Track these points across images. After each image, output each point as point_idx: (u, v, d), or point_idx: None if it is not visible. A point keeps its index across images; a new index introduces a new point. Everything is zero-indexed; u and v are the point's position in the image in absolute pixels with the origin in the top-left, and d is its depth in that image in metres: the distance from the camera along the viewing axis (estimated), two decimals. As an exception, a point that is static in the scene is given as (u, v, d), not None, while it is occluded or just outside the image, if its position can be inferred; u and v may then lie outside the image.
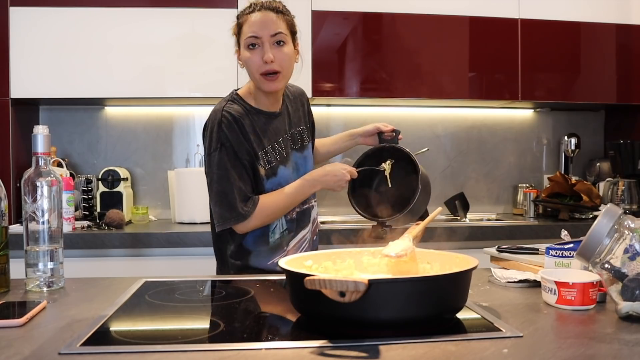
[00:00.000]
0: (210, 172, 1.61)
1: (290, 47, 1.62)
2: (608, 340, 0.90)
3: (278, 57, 1.58)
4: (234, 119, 1.59)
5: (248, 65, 1.62)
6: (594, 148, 3.46)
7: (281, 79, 1.61)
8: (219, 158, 1.58)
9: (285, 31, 1.61)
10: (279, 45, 1.59)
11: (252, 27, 1.59)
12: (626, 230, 1.03)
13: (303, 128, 1.76)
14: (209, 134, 1.61)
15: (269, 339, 0.93)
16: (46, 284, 1.26)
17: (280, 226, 1.67)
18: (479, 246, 1.75)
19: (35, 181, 1.24)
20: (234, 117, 1.59)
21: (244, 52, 1.63)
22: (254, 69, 1.60)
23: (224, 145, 1.58)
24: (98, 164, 3.11)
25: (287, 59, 1.61)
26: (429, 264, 1.17)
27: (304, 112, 1.81)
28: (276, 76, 1.60)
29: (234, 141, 1.59)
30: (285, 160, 1.68)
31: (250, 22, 1.59)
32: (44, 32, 2.75)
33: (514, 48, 2.99)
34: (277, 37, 1.58)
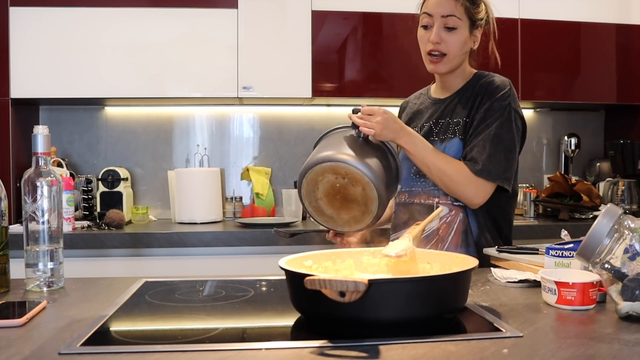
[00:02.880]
0: None
1: (463, 34, 1.58)
2: (608, 340, 0.90)
3: (445, 40, 1.56)
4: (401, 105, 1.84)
5: (419, 43, 1.64)
6: (594, 148, 3.46)
7: (446, 62, 1.59)
8: None
9: (461, 16, 1.57)
10: (450, 30, 1.57)
11: (427, 5, 1.60)
12: (626, 230, 1.03)
13: (458, 120, 1.59)
14: None
15: (269, 339, 0.93)
16: (46, 284, 1.26)
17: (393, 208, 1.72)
18: (479, 246, 1.75)
19: (35, 181, 1.24)
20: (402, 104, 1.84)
21: (419, 29, 1.64)
22: (423, 47, 1.62)
23: None
24: (98, 164, 3.11)
25: (455, 44, 1.57)
26: (429, 264, 1.17)
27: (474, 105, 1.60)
28: (441, 58, 1.58)
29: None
30: None
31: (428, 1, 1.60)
32: (44, 32, 2.75)
33: (514, 48, 2.99)
34: (448, 20, 1.56)
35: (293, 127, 3.22)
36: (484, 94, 1.59)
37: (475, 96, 1.60)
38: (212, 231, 2.56)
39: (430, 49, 1.58)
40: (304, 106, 3.18)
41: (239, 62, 2.83)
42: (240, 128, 3.23)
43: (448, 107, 1.64)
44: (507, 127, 1.56)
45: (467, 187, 1.51)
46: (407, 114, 1.77)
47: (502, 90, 1.59)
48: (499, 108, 1.56)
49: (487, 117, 1.55)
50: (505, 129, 1.55)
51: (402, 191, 1.65)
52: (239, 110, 3.23)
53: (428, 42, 1.58)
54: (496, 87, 1.59)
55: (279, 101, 3.09)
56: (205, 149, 3.17)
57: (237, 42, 2.83)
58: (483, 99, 1.58)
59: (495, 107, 1.56)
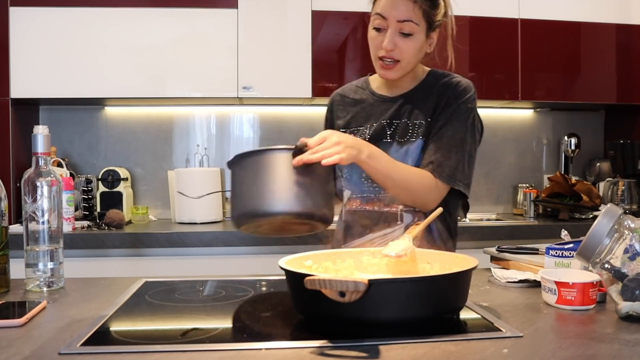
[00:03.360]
0: None
1: (419, 40, 1.44)
2: (608, 340, 0.90)
3: (400, 47, 1.43)
4: (332, 97, 1.68)
5: (370, 44, 1.49)
6: (594, 148, 3.46)
7: (397, 70, 1.46)
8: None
9: (419, 20, 1.42)
10: (405, 35, 1.42)
11: (383, 5, 1.43)
12: (626, 230, 1.03)
13: (420, 122, 1.49)
14: None
15: (269, 339, 0.93)
16: (46, 284, 1.25)
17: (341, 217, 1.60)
18: (479, 246, 1.75)
19: (35, 181, 1.24)
20: (333, 96, 1.68)
21: (370, 29, 1.48)
22: (373, 50, 1.48)
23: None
24: (98, 164, 3.11)
25: (410, 51, 1.44)
26: (429, 264, 1.17)
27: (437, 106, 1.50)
28: (393, 65, 1.45)
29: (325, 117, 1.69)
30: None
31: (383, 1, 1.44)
32: (44, 32, 2.75)
33: (514, 48, 2.99)
34: (404, 26, 1.41)
35: (293, 127, 3.22)
36: (449, 95, 1.49)
37: (439, 97, 1.50)
38: (212, 231, 2.56)
39: (382, 55, 1.44)
40: (304, 106, 3.18)
41: (239, 62, 2.83)
42: (240, 128, 3.23)
43: (404, 107, 1.51)
44: (472, 132, 1.49)
45: (430, 194, 1.44)
46: (344, 109, 1.61)
47: (468, 93, 1.49)
48: (465, 111, 1.47)
49: (453, 120, 1.46)
50: (470, 134, 1.48)
51: (353, 197, 1.54)
52: (239, 110, 3.23)
53: (380, 48, 1.44)
54: (463, 90, 1.50)
55: (279, 101, 3.09)
56: (205, 149, 3.17)
57: (237, 42, 2.83)
58: (449, 99, 1.48)
59: (462, 109, 1.47)
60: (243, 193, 1.25)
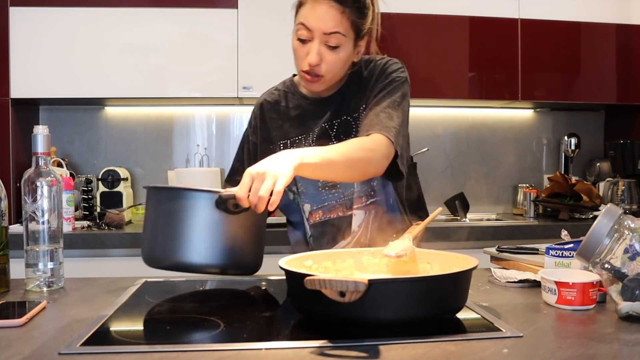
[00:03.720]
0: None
1: (346, 52, 1.36)
2: (608, 340, 0.90)
3: (326, 60, 1.34)
4: (260, 106, 1.56)
5: (294, 54, 1.39)
6: (594, 148, 3.46)
7: (323, 83, 1.39)
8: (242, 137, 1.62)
9: (346, 32, 1.34)
10: (332, 48, 1.34)
11: (307, 15, 1.33)
12: (626, 230, 1.03)
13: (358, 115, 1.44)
14: None
15: (269, 339, 0.93)
16: (46, 284, 1.25)
17: (308, 231, 1.50)
18: (479, 246, 1.75)
19: (35, 181, 1.24)
20: (261, 104, 1.56)
21: (293, 38, 1.39)
22: (298, 61, 1.38)
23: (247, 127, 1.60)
24: (98, 164, 3.11)
25: (336, 65, 1.36)
26: (429, 264, 1.17)
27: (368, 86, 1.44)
28: (318, 79, 1.37)
29: (252, 125, 1.57)
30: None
31: (308, 8, 1.33)
32: (44, 32, 2.75)
33: (514, 48, 2.99)
34: (331, 38, 1.32)
35: (293, 127, 3.22)
36: (380, 72, 1.43)
37: (368, 79, 1.43)
38: (212, 231, 2.56)
39: (306, 69, 1.35)
40: (304, 106, 3.18)
41: (239, 62, 2.83)
42: (240, 128, 3.23)
43: (341, 105, 1.45)
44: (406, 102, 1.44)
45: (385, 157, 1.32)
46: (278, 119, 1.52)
47: (398, 66, 1.45)
48: (398, 80, 1.42)
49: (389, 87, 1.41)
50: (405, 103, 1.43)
51: (314, 210, 1.47)
52: (239, 110, 3.23)
53: (304, 58, 1.34)
54: (393, 63, 1.45)
55: (279, 101, 3.09)
56: (205, 149, 3.17)
57: (237, 42, 2.83)
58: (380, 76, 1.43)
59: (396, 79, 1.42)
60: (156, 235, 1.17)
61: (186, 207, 1.12)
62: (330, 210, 1.47)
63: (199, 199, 1.12)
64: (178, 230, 1.12)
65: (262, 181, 1.06)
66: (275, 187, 1.06)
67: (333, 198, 1.46)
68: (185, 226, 1.12)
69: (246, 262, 1.20)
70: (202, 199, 1.12)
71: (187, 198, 1.13)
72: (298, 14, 1.38)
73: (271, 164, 1.10)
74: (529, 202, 3.11)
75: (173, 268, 1.15)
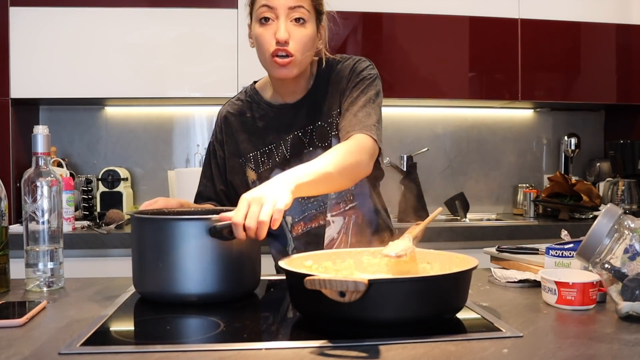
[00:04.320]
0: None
1: (311, 28, 1.34)
2: (608, 340, 0.90)
3: (295, 37, 1.31)
4: (224, 119, 1.51)
5: (258, 43, 1.36)
6: (594, 148, 3.46)
7: (294, 65, 1.34)
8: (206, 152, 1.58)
9: (309, 7, 1.33)
10: (298, 22, 1.32)
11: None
12: (626, 230, 1.03)
13: (332, 120, 1.42)
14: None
15: (269, 339, 0.93)
16: (46, 284, 1.25)
17: (291, 243, 1.49)
18: (479, 246, 1.75)
19: (35, 181, 1.24)
20: (225, 117, 1.51)
21: (255, 26, 1.35)
22: (264, 47, 1.34)
23: (211, 141, 1.56)
24: (98, 164, 3.11)
25: (305, 42, 1.33)
26: (429, 264, 1.17)
27: (339, 89, 1.41)
28: (288, 60, 1.32)
29: (219, 139, 1.52)
30: (289, 162, 1.42)
31: None
32: (44, 32, 2.75)
33: (514, 48, 2.99)
34: (296, 12, 1.31)
35: (293, 127, 3.22)
36: (350, 72, 1.41)
37: (339, 81, 1.41)
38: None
39: (275, 48, 1.31)
40: (304, 106, 3.18)
41: (239, 62, 2.83)
42: (240, 128, 3.23)
43: (313, 110, 1.42)
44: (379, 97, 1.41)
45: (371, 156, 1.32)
46: (245, 131, 1.48)
47: (367, 61, 1.44)
48: (370, 77, 1.41)
49: (363, 87, 1.39)
50: (379, 99, 1.41)
51: (296, 222, 1.46)
52: (239, 110, 3.22)
53: (271, 41, 1.31)
54: (361, 61, 1.43)
55: (279, 101, 3.09)
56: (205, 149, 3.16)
57: (237, 42, 2.83)
58: (351, 75, 1.41)
59: (366, 76, 1.40)
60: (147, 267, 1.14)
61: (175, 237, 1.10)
62: (311, 219, 1.46)
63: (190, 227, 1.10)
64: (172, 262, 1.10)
65: (261, 205, 1.02)
66: (276, 206, 1.02)
67: (312, 207, 1.45)
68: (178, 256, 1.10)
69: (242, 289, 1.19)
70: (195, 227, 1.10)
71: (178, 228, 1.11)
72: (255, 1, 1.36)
73: (267, 190, 1.06)
74: (529, 202, 3.11)
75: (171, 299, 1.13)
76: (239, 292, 1.17)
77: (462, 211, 3.10)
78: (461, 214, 3.09)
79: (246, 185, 1.46)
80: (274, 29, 1.32)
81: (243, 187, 1.45)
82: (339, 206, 1.45)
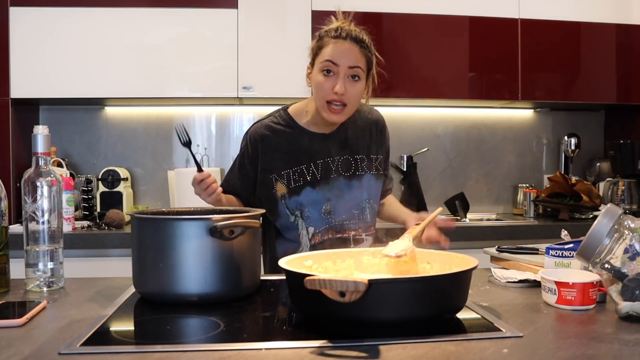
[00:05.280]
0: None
1: (362, 84, 1.58)
2: (608, 340, 0.90)
3: (349, 92, 1.55)
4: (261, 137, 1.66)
5: (317, 89, 1.58)
6: (594, 148, 3.46)
7: (345, 113, 1.58)
8: (235, 160, 1.73)
9: (364, 67, 1.57)
10: (353, 79, 1.55)
11: (333, 53, 1.54)
12: (626, 230, 1.03)
13: (362, 157, 1.68)
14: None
15: (269, 339, 0.93)
16: (46, 284, 1.25)
17: (306, 247, 1.64)
18: (479, 246, 1.75)
19: (35, 181, 1.24)
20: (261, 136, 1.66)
21: (317, 74, 1.58)
22: (323, 94, 1.56)
23: (241, 152, 1.71)
24: (98, 164, 3.11)
25: (356, 95, 1.57)
26: (429, 264, 1.17)
27: (372, 142, 1.71)
28: (342, 109, 1.56)
29: (249, 155, 1.67)
30: (318, 182, 1.63)
31: (333, 48, 1.55)
32: (44, 32, 2.75)
33: (514, 48, 2.99)
34: (354, 71, 1.54)
35: (293, 127, 3.22)
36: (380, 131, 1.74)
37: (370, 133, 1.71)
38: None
39: (333, 99, 1.54)
40: (304, 106, 3.18)
41: (239, 62, 2.83)
42: (240, 128, 3.23)
43: (342, 143, 1.67)
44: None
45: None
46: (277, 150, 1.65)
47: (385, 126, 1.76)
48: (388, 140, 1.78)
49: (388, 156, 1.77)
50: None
51: (316, 233, 1.64)
52: (239, 110, 3.23)
53: (331, 92, 1.54)
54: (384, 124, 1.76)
55: (279, 101, 3.08)
56: (205, 149, 3.17)
57: (237, 42, 2.83)
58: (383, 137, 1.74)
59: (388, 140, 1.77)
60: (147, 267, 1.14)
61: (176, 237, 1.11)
62: (327, 232, 1.65)
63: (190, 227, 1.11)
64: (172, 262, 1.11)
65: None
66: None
67: (328, 222, 1.65)
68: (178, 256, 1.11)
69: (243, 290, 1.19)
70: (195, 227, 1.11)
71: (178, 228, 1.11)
72: (320, 53, 1.57)
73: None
74: (529, 202, 3.11)
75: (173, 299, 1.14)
76: (239, 292, 1.17)
77: (462, 211, 3.10)
78: (461, 214, 3.09)
79: (273, 198, 1.64)
80: (333, 82, 1.54)
81: (269, 200, 1.64)
82: (371, 229, 1.70)
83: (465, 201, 3.11)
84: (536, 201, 3.08)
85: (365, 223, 1.67)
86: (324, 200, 1.63)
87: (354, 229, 1.66)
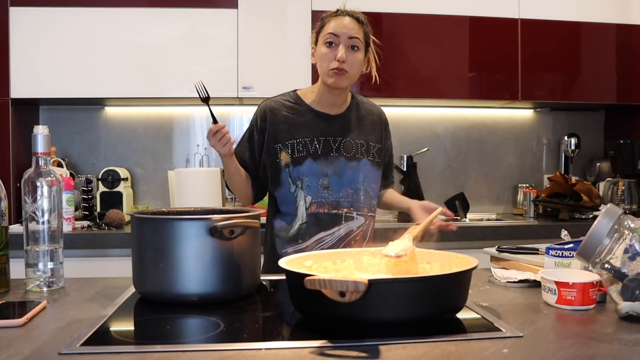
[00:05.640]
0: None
1: (362, 54, 1.74)
2: (608, 340, 0.90)
3: (350, 59, 1.70)
4: (270, 110, 1.79)
5: (321, 60, 1.72)
6: (594, 148, 3.46)
7: (347, 78, 1.71)
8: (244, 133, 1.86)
9: (362, 39, 1.73)
10: (353, 49, 1.71)
11: (334, 27, 1.71)
12: (626, 230, 1.03)
13: (362, 143, 1.79)
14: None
15: (269, 339, 0.93)
16: (46, 284, 1.25)
17: (301, 218, 1.74)
18: (479, 246, 1.75)
19: (35, 181, 1.24)
20: (271, 108, 1.79)
21: (320, 47, 1.73)
22: (326, 63, 1.70)
23: (251, 125, 1.83)
24: (98, 164, 3.11)
25: (356, 63, 1.72)
26: (429, 264, 1.17)
27: (373, 131, 1.84)
28: (343, 74, 1.70)
29: (258, 125, 1.79)
30: (319, 157, 1.74)
31: (334, 23, 1.72)
32: (44, 32, 2.75)
33: (514, 48, 2.99)
34: (353, 42, 1.70)
35: (293, 127, 3.22)
36: (385, 126, 1.88)
37: (372, 123, 1.84)
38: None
39: (335, 66, 1.69)
40: (304, 106, 3.18)
41: (239, 62, 2.83)
42: (240, 128, 3.23)
43: (344, 126, 1.79)
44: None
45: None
46: (284, 122, 1.77)
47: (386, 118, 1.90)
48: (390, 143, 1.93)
49: (390, 148, 1.92)
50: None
51: (312, 202, 1.73)
52: (239, 110, 3.23)
53: (333, 60, 1.69)
54: (387, 122, 1.90)
55: (279, 101, 3.09)
56: (205, 149, 3.17)
57: (237, 42, 2.83)
58: (386, 131, 1.89)
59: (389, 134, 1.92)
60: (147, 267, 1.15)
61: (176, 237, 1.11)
62: (322, 205, 1.75)
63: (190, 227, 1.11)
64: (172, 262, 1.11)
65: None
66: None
67: (324, 197, 1.74)
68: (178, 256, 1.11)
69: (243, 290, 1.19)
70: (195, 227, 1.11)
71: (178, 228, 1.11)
72: (323, 30, 1.74)
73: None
74: (529, 202, 3.11)
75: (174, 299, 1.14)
76: (239, 292, 1.17)
77: (462, 211, 3.10)
78: (461, 214, 3.09)
79: (277, 167, 1.74)
80: (335, 52, 1.70)
81: (272, 168, 1.75)
82: (364, 210, 1.77)
83: (465, 201, 3.11)
84: (536, 201, 3.08)
85: (358, 203, 1.76)
86: (322, 175, 1.74)
87: (346, 207, 1.75)
